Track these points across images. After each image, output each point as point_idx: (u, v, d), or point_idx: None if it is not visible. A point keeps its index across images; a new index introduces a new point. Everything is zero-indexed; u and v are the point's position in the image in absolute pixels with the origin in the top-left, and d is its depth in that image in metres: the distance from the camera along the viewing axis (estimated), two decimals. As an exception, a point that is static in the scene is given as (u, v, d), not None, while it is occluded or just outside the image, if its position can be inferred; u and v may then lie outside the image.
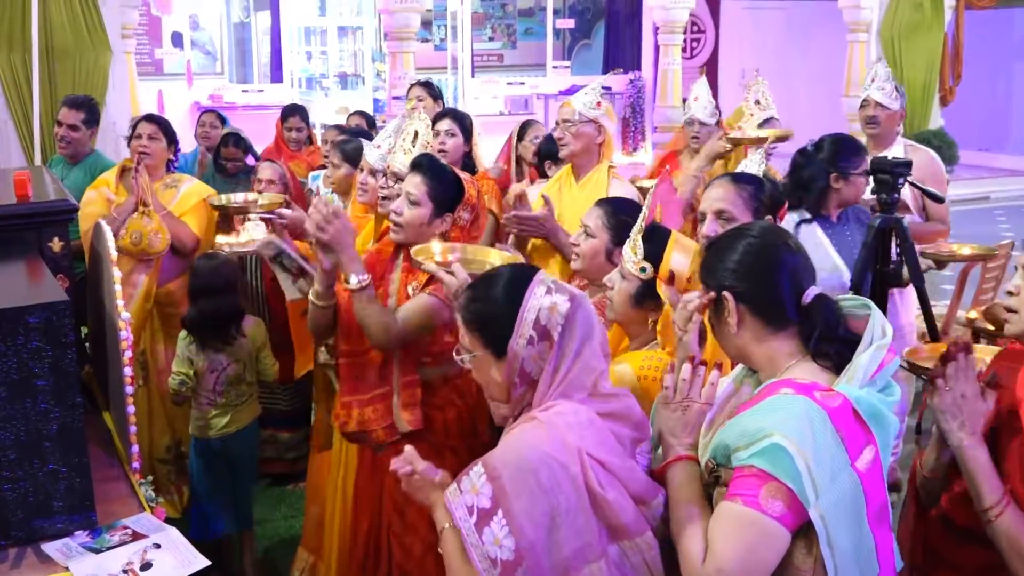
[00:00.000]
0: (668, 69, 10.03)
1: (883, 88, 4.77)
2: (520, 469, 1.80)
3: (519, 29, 15.00)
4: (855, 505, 1.80)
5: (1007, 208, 11.36)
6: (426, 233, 2.93)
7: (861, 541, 1.81)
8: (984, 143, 13.83)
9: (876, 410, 1.83)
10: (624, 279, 2.48)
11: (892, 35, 10.12)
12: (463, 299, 2.04)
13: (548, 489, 1.79)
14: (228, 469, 3.98)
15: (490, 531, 1.78)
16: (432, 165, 3.01)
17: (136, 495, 2.63)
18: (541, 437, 1.84)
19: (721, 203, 2.91)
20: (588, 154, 3.82)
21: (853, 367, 1.87)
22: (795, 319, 1.94)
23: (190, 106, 11.83)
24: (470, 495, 1.83)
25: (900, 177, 3.33)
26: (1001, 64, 14.49)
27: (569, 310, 1.92)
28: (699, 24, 14.14)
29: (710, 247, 2.06)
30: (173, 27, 12.64)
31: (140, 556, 2.30)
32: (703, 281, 2.02)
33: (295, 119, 6.22)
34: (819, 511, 1.76)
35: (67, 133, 5.00)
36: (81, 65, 6.71)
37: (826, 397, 1.82)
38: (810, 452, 1.76)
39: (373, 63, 13.54)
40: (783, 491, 1.75)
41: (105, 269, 2.88)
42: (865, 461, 1.81)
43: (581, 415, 1.88)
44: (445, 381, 3.00)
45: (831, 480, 1.77)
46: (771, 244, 1.99)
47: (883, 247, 3.33)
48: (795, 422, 1.78)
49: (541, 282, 1.95)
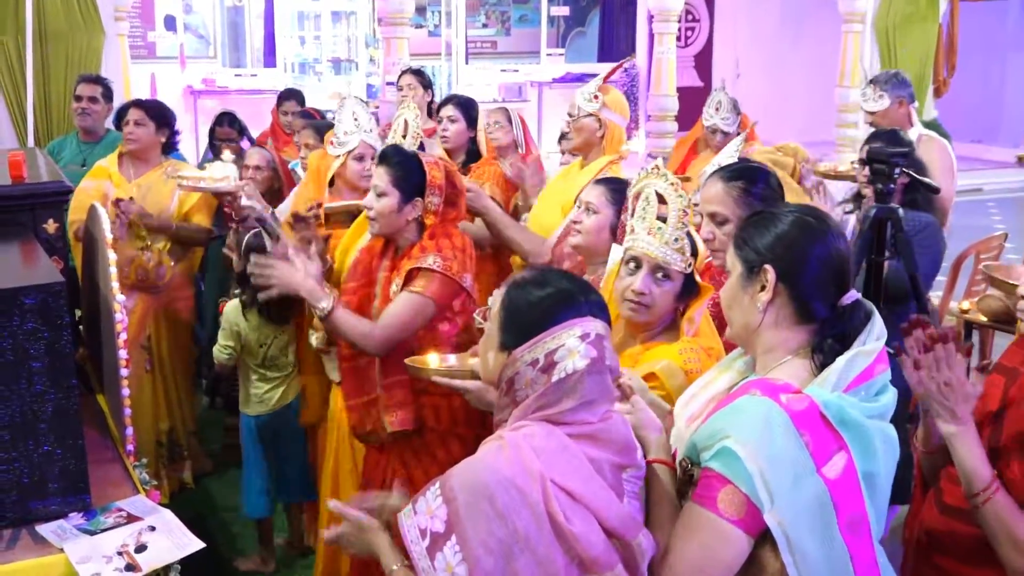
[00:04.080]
0: (662, 58, 9.99)
1: (864, 95, 4.90)
2: (476, 493, 1.69)
3: (513, 16, 14.94)
4: (822, 512, 1.74)
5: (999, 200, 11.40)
6: (399, 221, 3.01)
7: (832, 550, 1.75)
8: (977, 135, 13.83)
9: (846, 416, 1.77)
10: (668, 279, 2.33)
11: (886, 26, 10.11)
12: (521, 275, 1.93)
13: (504, 515, 1.67)
14: (276, 443, 4.05)
15: (443, 557, 1.68)
16: (396, 155, 3.06)
17: (131, 477, 2.63)
18: (502, 460, 1.73)
19: (711, 205, 2.79)
20: (590, 147, 3.88)
21: (829, 369, 1.82)
22: (824, 317, 1.87)
23: (183, 90, 11.78)
24: (424, 517, 1.72)
25: (896, 167, 3.33)
26: (994, 56, 14.50)
27: (581, 371, 1.77)
28: (694, 13, 14.13)
29: (758, 215, 1.98)
30: (166, 10, 12.56)
31: (135, 538, 2.31)
32: (740, 247, 1.93)
33: (291, 103, 6.21)
34: (777, 517, 1.72)
35: (88, 105, 5.17)
36: (74, 47, 6.68)
37: (792, 400, 1.77)
38: (764, 457, 1.72)
39: (367, 48, 13.48)
40: (739, 495, 1.73)
41: (100, 252, 2.87)
42: (835, 468, 1.75)
43: (552, 440, 1.75)
44: None
45: (792, 486, 1.72)
46: (826, 232, 1.90)
47: (878, 237, 3.32)
48: (752, 426, 1.75)
49: (583, 324, 1.80)
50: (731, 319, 1.97)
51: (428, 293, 2.90)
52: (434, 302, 2.91)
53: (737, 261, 1.94)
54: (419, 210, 3.01)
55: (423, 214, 3.02)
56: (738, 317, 1.94)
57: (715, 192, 2.78)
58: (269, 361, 3.96)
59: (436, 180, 3.01)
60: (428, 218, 3.03)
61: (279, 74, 12.68)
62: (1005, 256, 6.23)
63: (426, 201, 3.01)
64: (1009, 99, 14.70)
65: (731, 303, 1.95)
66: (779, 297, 1.87)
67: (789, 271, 1.86)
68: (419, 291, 2.90)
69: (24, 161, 2.98)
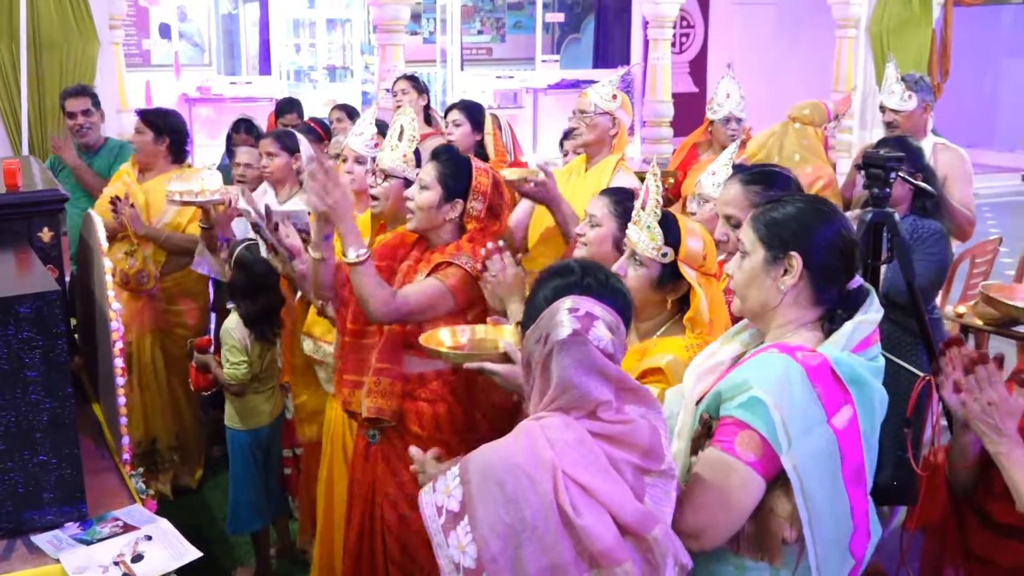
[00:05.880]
0: (658, 63, 10.01)
1: (893, 92, 4.79)
2: (487, 477, 1.76)
3: (508, 23, 14.97)
4: (830, 460, 1.87)
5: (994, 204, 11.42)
6: (437, 218, 2.97)
7: (836, 498, 1.88)
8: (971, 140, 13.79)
9: (855, 372, 1.90)
10: (642, 266, 2.46)
11: (881, 31, 10.14)
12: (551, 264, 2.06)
13: (513, 501, 1.72)
14: (268, 457, 4.05)
15: (456, 535, 1.75)
16: (447, 153, 3.06)
17: (127, 487, 2.62)
18: (517, 448, 1.79)
19: (728, 207, 2.87)
20: (601, 145, 3.90)
21: (838, 333, 1.95)
22: (836, 299, 2.00)
23: (178, 98, 11.77)
24: (442, 495, 1.80)
25: (892, 172, 3.33)
26: (989, 61, 14.54)
27: (561, 341, 1.81)
28: (689, 19, 14.14)
29: (776, 201, 2.08)
30: (161, 18, 12.56)
31: (131, 548, 2.30)
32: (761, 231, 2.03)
33: (291, 116, 6.17)
34: (792, 461, 1.84)
35: (84, 120, 5.17)
36: (69, 55, 6.67)
37: (807, 356, 1.90)
38: (785, 406, 1.84)
39: (362, 56, 13.48)
40: (756, 439, 1.85)
41: (95, 259, 2.87)
42: (842, 419, 1.88)
43: (570, 432, 1.79)
44: (438, 375, 2.99)
45: (805, 433, 1.85)
46: (841, 219, 2.03)
47: (875, 242, 3.32)
48: (774, 378, 1.87)
49: (577, 300, 1.86)
50: (746, 296, 2.06)
51: (450, 285, 2.87)
52: (454, 298, 2.88)
53: (759, 245, 2.03)
54: (458, 211, 2.99)
55: (464, 218, 3.01)
56: (756, 295, 2.04)
57: (733, 194, 2.86)
58: (263, 373, 3.95)
59: (482, 186, 3.00)
60: (470, 223, 3.01)
61: (274, 82, 12.67)
62: (999, 260, 6.24)
63: (468, 205, 3.00)
64: (1003, 104, 14.73)
65: (750, 282, 2.04)
66: (801, 282, 1.99)
67: (811, 258, 1.98)
68: (443, 280, 2.88)
69: (19, 170, 2.97)
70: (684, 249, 2.45)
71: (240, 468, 4.01)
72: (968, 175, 4.72)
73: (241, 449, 4.00)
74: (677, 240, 2.45)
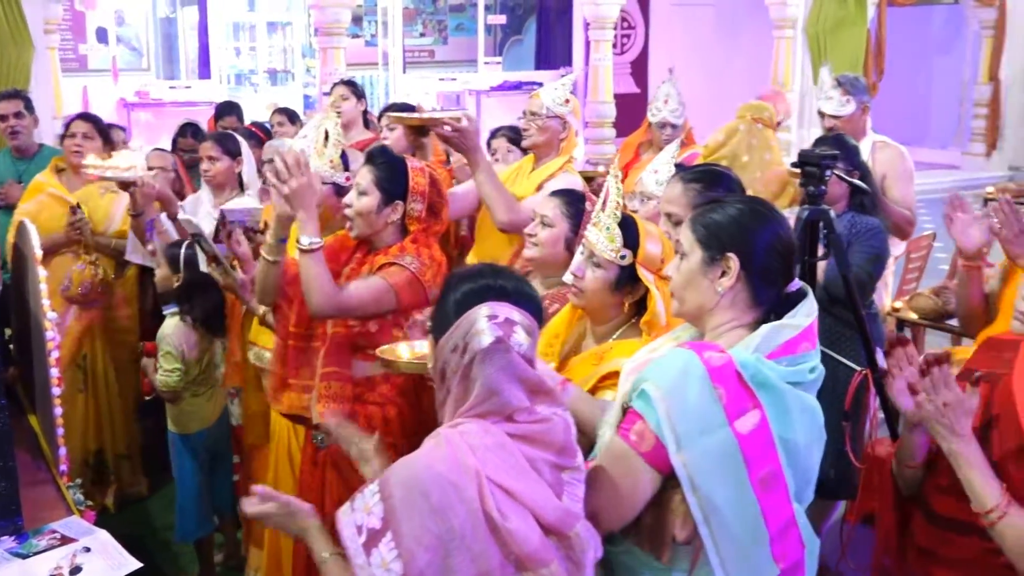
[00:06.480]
0: (599, 65, 10.09)
1: (831, 97, 4.84)
2: (411, 490, 1.72)
3: (450, 25, 14.95)
4: (731, 463, 1.84)
5: (928, 200, 11.57)
6: (378, 222, 2.96)
7: (742, 502, 1.85)
8: (906, 137, 13.99)
9: (763, 377, 1.86)
10: (600, 267, 2.44)
11: (817, 31, 10.31)
12: (457, 270, 2.04)
13: (439, 512, 1.69)
14: (213, 460, 3.99)
15: (378, 553, 1.70)
16: (382, 156, 3.03)
17: (64, 498, 2.58)
18: (439, 457, 1.76)
19: (669, 205, 2.88)
20: (549, 147, 3.90)
21: (752, 335, 1.93)
22: (774, 301, 1.98)
23: (116, 103, 11.59)
24: (361, 514, 1.75)
25: (827, 169, 3.38)
26: (922, 59, 14.83)
27: (484, 349, 1.80)
28: (629, 20, 14.23)
29: (715, 202, 2.07)
30: (98, 22, 12.35)
31: (69, 560, 2.26)
32: (699, 232, 2.02)
33: (231, 118, 6.13)
34: (683, 460, 1.83)
35: (16, 122, 4.98)
36: (2, 61, 6.58)
37: (713, 357, 1.87)
38: (676, 403, 1.84)
39: (303, 59, 13.39)
40: (649, 431, 1.86)
41: (30, 269, 2.82)
42: (747, 424, 1.84)
43: (489, 437, 1.78)
44: (386, 378, 2.99)
45: (702, 433, 1.83)
46: (779, 221, 2.02)
47: (811, 238, 3.38)
48: (670, 374, 1.87)
49: (494, 307, 1.83)
50: (684, 298, 2.05)
51: (394, 284, 2.86)
52: (397, 297, 2.87)
53: (697, 246, 2.02)
54: (399, 213, 2.98)
55: (406, 220, 3.00)
56: (694, 297, 2.03)
57: (675, 193, 2.87)
58: (203, 376, 3.91)
59: (420, 186, 2.99)
60: (412, 224, 3.01)
61: (214, 86, 12.54)
62: (933, 256, 6.36)
63: (408, 206, 2.99)
64: (936, 102, 15.02)
65: (687, 284, 2.04)
66: (738, 284, 1.98)
67: (749, 260, 1.97)
68: (387, 279, 2.87)
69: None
70: (642, 252, 2.43)
71: (186, 474, 3.96)
72: (907, 173, 4.77)
73: (184, 454, 3.95)
74: (636, 243, 2.43)
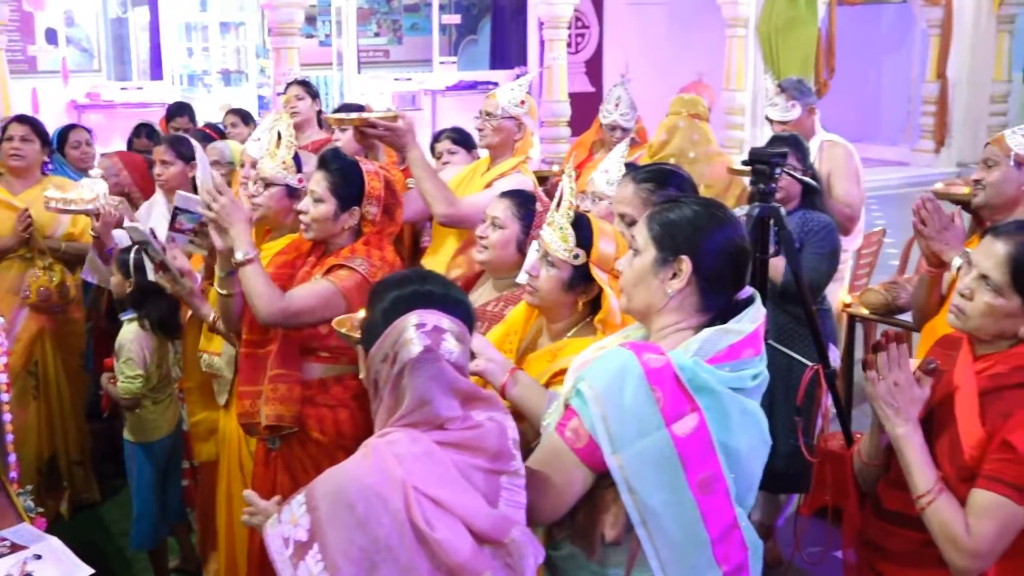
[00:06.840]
0: (553, 64, 10.12)
1: (776, 104, 4.89)
2: (337, 501, 1.71)
3: (405, 25, 14.90)
4: (668, 466, 1.82)
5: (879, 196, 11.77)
6: (335, 228, 2.96)
7: (680, 505, 1.84)
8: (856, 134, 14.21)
9: (701, 381, 1.85)
10: (553, 267, 2.43)
11: (768, 30, 10.43)
12: (383, 278, 2.04)
13: (365, 523, 1.68)
14: (168, 467, 3.95)
15: (305, 566, 1.69)
16: (335, 161, 3.02)
17: (14, 505, 2.56)
18: (365, 468, 1.75)
19: (621, 205, 2.89)
20: (504, 148, 3.92)
21: (691, 339, 1.92)
22: (723, 307, 1.97)
23: (66, 104, 11.43)
24: (288, 526, 1.74)
25: (777, 167, 3.42)
26: (871, 58, 15.04)
27: (413, 359, 1.79)
28: (583, 19, 14.30)
29: (672, 202, 2.05)
30: (47, 23, 12.14)
31: (19, 568, 2.24)
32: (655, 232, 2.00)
33: (183, 119, 6.08)
34: (618, 461, 1.83)
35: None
36: (-53, 62, 6.47)
37: (652, 359, 1.86)
38: (611, 403, 1.83)
39: (257, 59, 13.27)
40: (583, 429, 1.86)
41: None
42: (685, 427, 1.83)
43: (416, 446, 1.76)
44: (338, 380, 2.98)
45: (639, 435, 1.82)
46: (736, 229, 2.00)
47: (762, 236, 3.41)
48: (607, 374, 1.86)
49: (422, 315, 1.83)
50: (632, 295, 2.04)
51: (343, 287, 2.86)
52: (345, 299, 2.85)
53: (651, 244, 2.00)
54: (356, 219, 2.98)
55: (361, 223, 2.99)
56: (643, 296, 2.01)
57: (627, 193, 2.88)
58: (161, 383, 3.87)
59: (375, 190, 2.99)
60: (366, 227, 3.01)
61: (167, 87, 12.39)
62: (884, 251, 6.46)
63: (363, 210, 2.98)
64: (885, 100, 15.24)
65: (638, 282, 2.02)
66: (688, 287, 1.95)
67: (701, 262, 1.94)
68: (335, 282, 2.87)
69: None
70: (596, 251, 2.44)
71: (144, 483, 3.91)
72: (853, 171, 4.83)
73: (144, 464, 3.90)
74: (589, 242, 2.44)
